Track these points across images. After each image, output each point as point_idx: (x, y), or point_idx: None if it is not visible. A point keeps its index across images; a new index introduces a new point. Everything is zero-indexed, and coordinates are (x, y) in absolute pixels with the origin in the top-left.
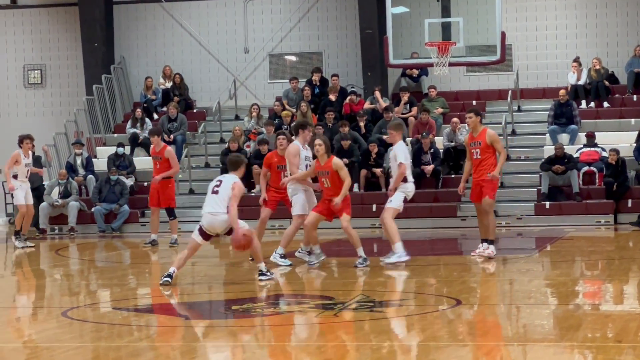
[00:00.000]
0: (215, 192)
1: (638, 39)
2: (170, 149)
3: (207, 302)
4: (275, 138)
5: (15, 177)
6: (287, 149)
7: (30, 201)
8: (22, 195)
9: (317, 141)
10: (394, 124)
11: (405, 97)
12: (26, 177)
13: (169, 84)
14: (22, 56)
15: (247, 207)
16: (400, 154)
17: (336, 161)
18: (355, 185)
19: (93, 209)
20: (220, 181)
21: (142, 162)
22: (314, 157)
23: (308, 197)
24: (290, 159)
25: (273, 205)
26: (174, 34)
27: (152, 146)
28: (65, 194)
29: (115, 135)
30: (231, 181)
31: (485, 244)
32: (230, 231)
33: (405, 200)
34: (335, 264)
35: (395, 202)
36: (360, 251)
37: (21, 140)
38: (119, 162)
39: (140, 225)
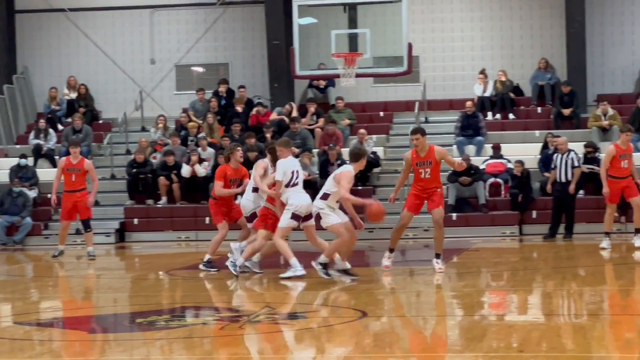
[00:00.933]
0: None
1: (542, 52)
2: (90, 162)
3: (111, 315)
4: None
5: None
6: (341, 173)
7: None
8: None
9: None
10: (282, 141)
11: (312, 109)
12: None
13: (73, 95)
14: None
15: (153, 219)
16: (279, 170)
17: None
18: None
19: None
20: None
21: (46, 173)
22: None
23: None
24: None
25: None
26: (78, 44)
27: (65, 158)
28: None
29: (18, 146)
30: (340, 170)
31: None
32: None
33: (296, 217)
34: (243, 276)
35: (283, 222)
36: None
37: None
38: (22, 174)
39: (43, 238)
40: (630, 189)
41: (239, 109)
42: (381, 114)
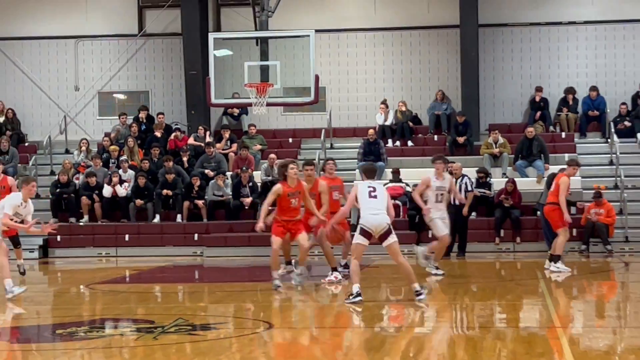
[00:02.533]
0: (373, 197)
1: (439, 84)
2: (12, 179)
3: (34, 327)
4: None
5: None
6: (423, 180)
7: None
8: None
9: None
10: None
11: (226, 135)
12: None
13: (1, 119)
14: None
15: (71, 236)
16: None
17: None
18: (179, 215)
19: None
20: (373, 187)
21: None
22: None
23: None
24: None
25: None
26: (6, 71)
27: None
28: None
29: None
30: (383, 186)
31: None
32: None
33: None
34: (159, 290)
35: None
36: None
37: None
38: None
39: None
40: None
41: (158, 134)
42: (290, 140)
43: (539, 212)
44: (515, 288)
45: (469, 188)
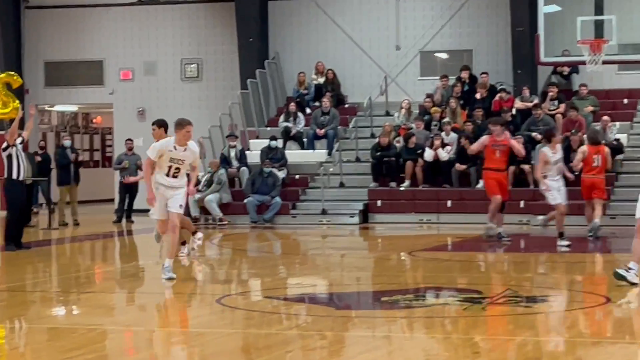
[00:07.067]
0: None
1: None
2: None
3: (355, 293)
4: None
5: None
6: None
7: None
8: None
9: None
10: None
11: (553, 93)
12: None
13: (321, 80)
14: (180, 50)
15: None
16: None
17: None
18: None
19: (245, 201)
20: None
21: (294, 155)
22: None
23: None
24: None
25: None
26: (326, 31)
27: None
28: (209, 184)
29: (269, 128)
30: None
31: None
32: None
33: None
34: (483, 259)
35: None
36: None
37: None
38: (272, 155)
39: (291, 217)
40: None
41: (482, 94)
42: (625, 101)
43: None
44: None
45: None
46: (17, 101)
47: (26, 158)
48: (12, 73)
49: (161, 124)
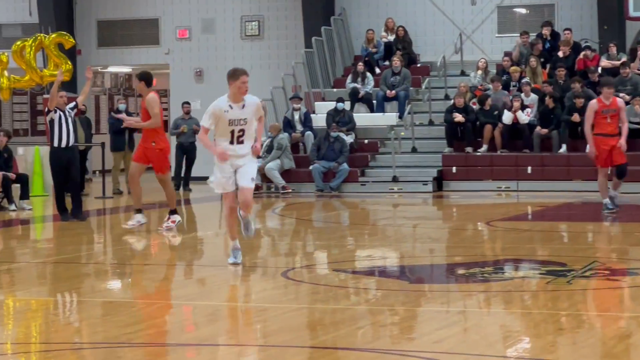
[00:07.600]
0: None
1: None
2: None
3: (429, 266)
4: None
5: None
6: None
7: None
8: None
9: None
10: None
11: None
12: None
13: (391, 37)
14: (240, 7)
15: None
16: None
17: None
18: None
19: (311, 167)
20: None
21: (363, 118)
22: None
23: None
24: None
25: None
26: None
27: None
28: (269, 150)
29: (335, 90)
30: None
31: None
32: None
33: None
34: (566, 229)
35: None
36: None
37: None
38: (339, 118)
39: (360, 185)
40: None
41: (564, 52)
42: None
43: None
44: None
45: None
46: (70, 63)
47: (80, 124)
48: (64, 33)
49: (142, 77)
